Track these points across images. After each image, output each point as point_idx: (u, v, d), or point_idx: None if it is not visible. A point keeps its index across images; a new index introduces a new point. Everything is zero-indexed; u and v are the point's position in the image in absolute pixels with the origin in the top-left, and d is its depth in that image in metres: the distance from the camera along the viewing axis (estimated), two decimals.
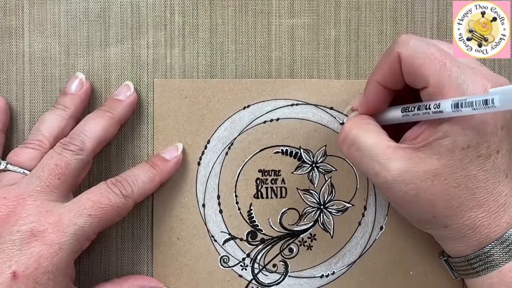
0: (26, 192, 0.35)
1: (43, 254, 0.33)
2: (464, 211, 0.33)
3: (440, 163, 0.32)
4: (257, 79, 0.41)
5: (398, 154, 0.33)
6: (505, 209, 0.33)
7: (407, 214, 0.36)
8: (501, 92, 0.29)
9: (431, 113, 0.32)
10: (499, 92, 0.29)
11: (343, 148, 0.36)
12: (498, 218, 0.33)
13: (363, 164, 0.34)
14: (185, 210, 0.41)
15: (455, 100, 0.31)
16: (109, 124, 0.38)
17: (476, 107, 0.30)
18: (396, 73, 0.34)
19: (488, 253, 0.33)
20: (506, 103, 0.29)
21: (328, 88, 0.41)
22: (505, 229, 0.33)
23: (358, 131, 0.35)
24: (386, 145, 0.34)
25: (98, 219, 0.35)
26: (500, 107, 0.29)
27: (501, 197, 0.33)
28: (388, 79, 0.34)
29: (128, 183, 0.37)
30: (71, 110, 0.38)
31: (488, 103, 0.29)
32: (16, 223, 0.34)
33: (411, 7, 0.41)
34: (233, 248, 0.41)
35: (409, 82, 0.34)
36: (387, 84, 0.35)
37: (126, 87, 0.40)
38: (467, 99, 0.30)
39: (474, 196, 0.33)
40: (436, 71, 0.32)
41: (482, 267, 0.34)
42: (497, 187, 0.33)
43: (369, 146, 0.34)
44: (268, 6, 0.41)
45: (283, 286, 0.41)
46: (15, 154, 0.37)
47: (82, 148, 0.37)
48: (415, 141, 0.33)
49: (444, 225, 0.34)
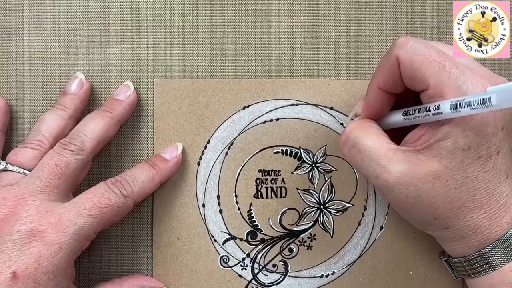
0: (26, 192, 0.35)
1: (43, 254, 0.33)
2: (465, 212, 0.33)
3: (441, 165, 0.32)
4: (257, 79, 0.41)
5: (399, 156, 0.33)
6: (506, 210, 0.33)
7: (408, 216, 0.36)
8: (498, 91, 0.29)
9: (431, 115, 0.32)
10: (497, 90, 0.29)
11: (344, 150, 0.36)
12: (499, 218, 0.33)
13: (364, 166, 0.34)
14: (185, 210, 0.41)
15: (454, 101, 0.31)
16: (109, 124, 0.38)
17: (474, 107, 0.30)
18: (395, 76, 0.34)
19: (489, 253, 0.33)
20: (503, 102, 0.29)
21: (328, 88, 0.41)
22: (506, 229, 0.33)
23: (359, 133, 0.35)
24: (387, 147, 0.33)
25: (98, 219, 0.35)
26: (497, 106, 0.29)
27: (502, 198, 0.33)
28: (388, 83, 0.34)
29: (128, 183, 0.37)
30: (71, 110, 0.38)
31: (486, 102, 0.29)
32: (16, 223, 0.34)
33: (411, 7, 0.41)
34: (233, 248, 0.41)
35: (409, 85, 0.34)
36: (387, 88, 0.35)
37: (125, 87, 0.40)
38: (465, 99, 0.30)
39: (475, 197, 0.33)
40: (435, 73, 0.32)
41: (483, 267, 0.34)
42: (498, 188, 0.33)
43: (370, 148, 0.34)
44: (268, 6, 0.41)
45: (283, 286, 0.41)
46: (14, 154, 0.37)
47: (82, 148, 0.37)
48: (416, 143, 0.33)
49: (446, 227, 0.34)
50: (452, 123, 0.32)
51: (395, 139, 0.35)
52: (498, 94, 0.29)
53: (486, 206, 0.33)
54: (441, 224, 0.34)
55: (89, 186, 0.37)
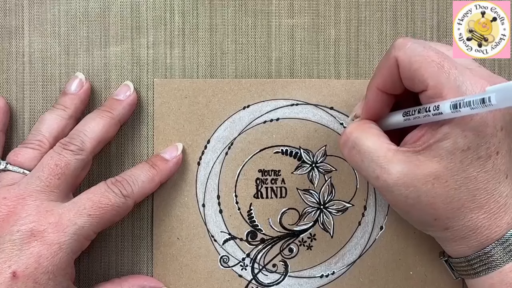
0: (26, 192, 0.35)
1: (43, 254, 0.33)
2: (465, 213, 0.33)
3: (441, 166, 0.32)
4: (257, 79, 0.41)
5: (399, 157, 0.33)
6: (506, 210, 0.33)
7: (408, 217, 0.36)
8: (497, 90, 0.29)
9: (431, 115, 0.32)
10: (496, 90, 0.29)
11: (344, 150, 0.36)
12: (499, 219, 0.33)
13: (364, 167, 0.34)
14: (185, 210, 0.41)
15: (453, 101, 0.31)
16: (109, 124, 0.38)
17: (474, 107, 0.30)
18: (394, 77, 0.34)
19: (489, 254, 0.33)
20: (503, 101, 0.29)
21: (328, 88, 0.41)
22: (506, 230, 0.33)
23: (359, 134, 0.35)
24: (386, 148, 0.33)
25: (98, 219, 0.35)
26: (497, 105, 0.29)
27: (502, 198, 0.33)
28: (387, 84, 0.34)
29: (128, 183, 0.37)
30: (71, 110, 0.38)
31: (485, 102, 0.29)
32: (16, 223, 0.34)
33: (411, 7, 0.41)
34: (233, 248, 0.41)
35: (408, 86, 0.34)
36: (386, 89, 0.35)
37: (125, 87, 0.40)
38: (465, 99, 0.30)
39: (474, 197, 0.33)
40: (434, 74, 0.32)
41: (483, 268, 0.34)
42: (497, 188, 0.33)
43: (370, 149, 0.34)
44: (268, 6, 0.41)
45: (283, 286, 0.41)
46: (14, 154, 0.37)
47: (82, 148, 0.37)
48: (416, 144, 0.33)
49: (445, 227, 0.34)
50: (451, 124, 0.32)
51: (395, 140, 0.35)
52: (497, 93, 0.29)
53: (486, 206, 0.33)
54: (441, 225, 0.34)
55: (89, 186, 0.37)
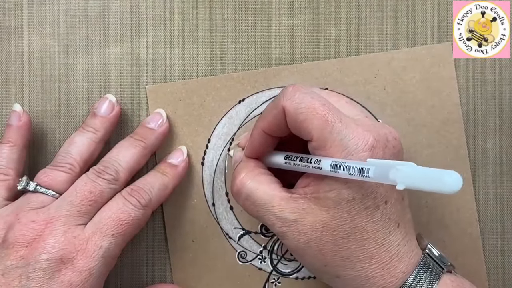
0: (56, 216, 0.34)
1: (74, 281, 0.33)
2: (354, 262, 0.33)
3: (329, 215, 0.32)
4: (248, 71, 0.41)
5: (291, 205, 0.33)
6: (399, 259, 0.33)
7: (302, 262, 0.36)
8: (376, 164, 0.29)
9: (311, 168, 0.33)
10: (375, 164, 0.29)
11: (239, 201, 0.36)
12: (392, 268, 0.33)
13: (260, 216, 0.35)
14: (195, 212, 0.41)
15: (335, 161, 0.31)
16: (142, 154, 0.38)
17: (352, 173, 0.30)
18: (281, 124, 0.34)
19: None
20: (379, 176, 0.28)
21: (320, 69, 0.41)
22: (401, 279, 0.33)
23: (251, 184, 0.35)
24: (279, 197, 0.34)
25: (122, 236, 0.35)
26: (374, 179, 0.29)
27: (393, 247, 0.33)
28: (273, 128, 0.35)
29: (145, 191, 0.36)
30: (101, 133, 0.38)
31: (363, 172, 0.29)
32: (45, 250, 0.33)
33: (411, 7, 0.41)
34: (248, 242, 0.41)
35: (296, 133, 0.34)
36: (272, 132, 0.35)
37: (158, 115, 0.39)
38: (345, 163, 0.30)
39: (363, 247, 0.32)
40: (318, 126, 0.32)
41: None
42: (387, 238, 0.33)
43: (264, 200, 0.34)
44: (268, 5, 0.41)
45: (304, 272, 0.41)
46: (45, 175, 0.36)
47: (117, 178, 0.36)
48: (307, 188, 0.33)
49: (336, 275, 0.34)
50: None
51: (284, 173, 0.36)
52: (376, 168, 0.29)
53: (376, 256, 0.33)
54: (332, 272, 0.34)
55: None
